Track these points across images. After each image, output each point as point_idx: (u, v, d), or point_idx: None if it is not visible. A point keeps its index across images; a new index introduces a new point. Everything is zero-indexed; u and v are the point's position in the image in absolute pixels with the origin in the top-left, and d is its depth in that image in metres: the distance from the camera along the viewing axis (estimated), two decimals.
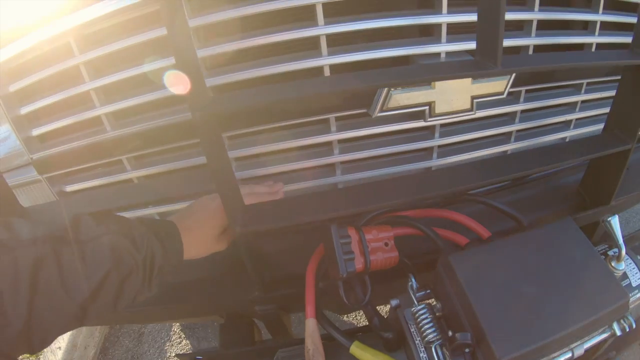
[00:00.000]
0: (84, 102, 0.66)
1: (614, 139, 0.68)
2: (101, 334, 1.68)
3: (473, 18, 0.65)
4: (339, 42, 0.64)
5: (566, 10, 0.75)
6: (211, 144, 0.49)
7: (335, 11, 0.62)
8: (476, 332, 0.48)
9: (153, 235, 0.53)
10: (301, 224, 0.57)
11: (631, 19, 0.80)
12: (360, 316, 1.65)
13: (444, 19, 0.65)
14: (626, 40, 0.82)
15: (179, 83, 0.44)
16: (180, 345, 1.65)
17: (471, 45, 0.67)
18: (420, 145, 0.74)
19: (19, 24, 0.60)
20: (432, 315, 0.54)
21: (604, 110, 0.88)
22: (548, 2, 0.72)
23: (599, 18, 0.76)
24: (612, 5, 0.79)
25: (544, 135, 0.84)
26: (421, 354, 0.53)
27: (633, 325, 0.54)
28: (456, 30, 0.68)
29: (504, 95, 0.71)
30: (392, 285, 0.67)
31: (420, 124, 0.70)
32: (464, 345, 0.48)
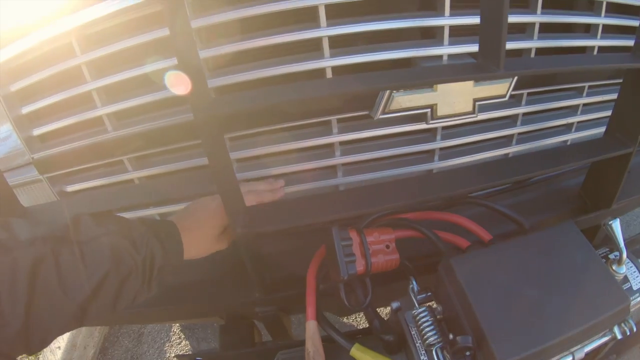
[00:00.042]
0: (86, 102, 0.66)
1: (616, 143, 0.68)
2: (100, 334, 1.68)
3: (475, 20, 0.65)
4: (341, 44, 0.64)
5: (568, 13, 0.75)
6: (213, 145, 0.49)
7: (338, 13, 0.62)
8: (477, 335, 0.48)
9: (153, 236, 0.53)
10: (302, 226, 0.57)
11: (633, 22, 0.80)
12: (360, 318, 1.65)
13: (447, 21, 0.65)
14: (628, 43, 0.82)
15: (180, 84, 0.44)
16: (179, 346, 1.64)
17: (473, 47, 0.67)
18: (421, 148, 0.74)
19: (21, 23, 0.60)
20: (433, 318, 0.53)
21: (605, 113, 0.88)
22: (550, 5, 0.72)
23: (601, 21, 0.76)
24: (614, 9, 0.79)
25: (546, 138, 0.84)
26: (422, 357, 0.53)
27: (634, 328, 0.55)
28: (458, 33, 0.68)
29: (506, 98, 0.71)
30: (393, 288, 0.67)
31: (422, 126, 0.71)
32: (465, 349, 0.48)
